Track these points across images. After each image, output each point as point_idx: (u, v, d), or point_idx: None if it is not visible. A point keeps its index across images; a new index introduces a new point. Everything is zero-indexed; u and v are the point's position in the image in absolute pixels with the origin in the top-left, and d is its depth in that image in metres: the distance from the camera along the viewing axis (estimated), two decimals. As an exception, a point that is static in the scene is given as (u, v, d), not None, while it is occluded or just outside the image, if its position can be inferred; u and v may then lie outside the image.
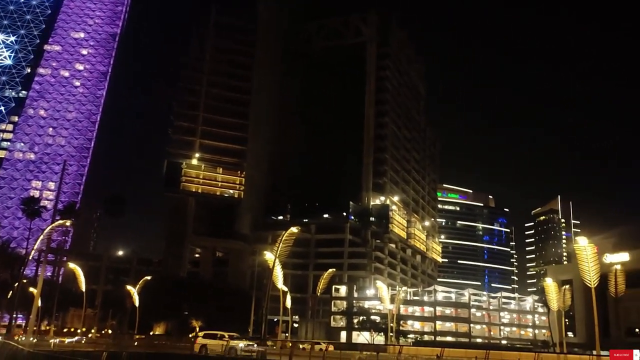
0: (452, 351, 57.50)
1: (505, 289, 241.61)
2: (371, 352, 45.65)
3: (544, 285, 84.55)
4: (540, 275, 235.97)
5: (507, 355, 47.93)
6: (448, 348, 59.65)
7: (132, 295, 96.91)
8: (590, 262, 58.55)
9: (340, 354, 48.81)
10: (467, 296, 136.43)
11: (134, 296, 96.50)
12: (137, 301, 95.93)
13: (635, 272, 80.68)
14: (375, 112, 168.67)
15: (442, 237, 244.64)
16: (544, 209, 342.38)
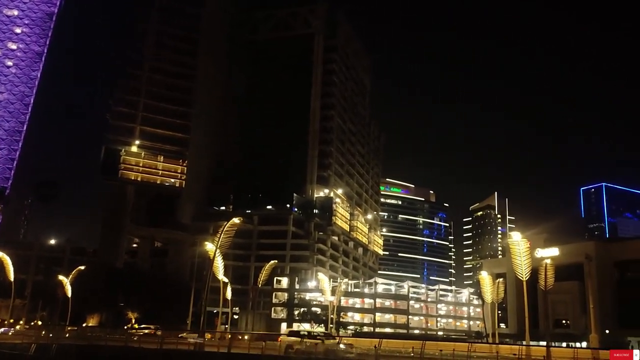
0: (390, 342, 58.27)
1: (443, 282, 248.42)
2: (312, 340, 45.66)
3: (479, 278, 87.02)
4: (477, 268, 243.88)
5: (443, 345, 49.04)
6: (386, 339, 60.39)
7: (65, 286, 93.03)
8: (522, 256, 60.62)
9: (280, 342, 48.65)
10: (406, 288, 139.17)
11: (66, 286, 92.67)
12: (69, 292, 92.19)
13: (564, 267, 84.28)
14: (321, 105, 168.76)
15: (383, 230, 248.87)
16: (481, 205, 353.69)
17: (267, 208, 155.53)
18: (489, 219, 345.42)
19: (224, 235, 60.40)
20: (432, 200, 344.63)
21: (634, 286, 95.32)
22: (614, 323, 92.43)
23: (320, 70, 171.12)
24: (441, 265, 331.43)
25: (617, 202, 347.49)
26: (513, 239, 62.79)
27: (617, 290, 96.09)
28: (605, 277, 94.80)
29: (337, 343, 47.19)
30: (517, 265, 60.92)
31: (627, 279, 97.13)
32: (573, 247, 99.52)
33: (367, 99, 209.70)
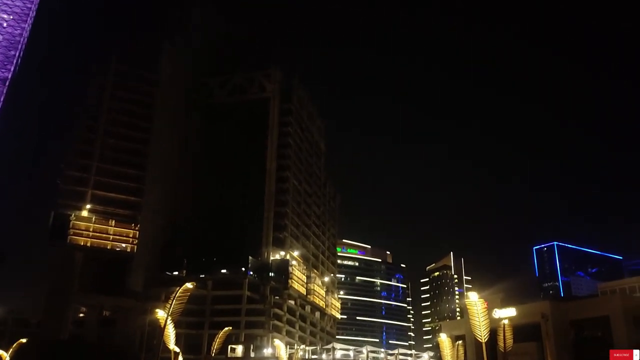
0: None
1: (403, 345, 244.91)
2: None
3: (439, 341, 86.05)
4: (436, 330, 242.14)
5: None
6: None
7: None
8: (480, 317, 60.23)
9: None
10: (365, 353, 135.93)
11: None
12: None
13: (522, 327, 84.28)
14: (277, 167, 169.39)
15: (341, 293, 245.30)
16: (437, 265, 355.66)
17: (222, 272, 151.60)
18: (446, 279, 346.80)
19: (176, 301, 57.81)
20: (389, 261, 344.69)
21: (590, 345, 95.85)
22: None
23: (276, 133, 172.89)
24: (400, 328, 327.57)
25: (570, 261, 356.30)
26: (470, 300, 62.50)
27: (574, 349, 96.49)
28: (562, 337, 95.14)
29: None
30: (476, 326, 60.40)
31: (583, 338, 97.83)
32: (529, 307, 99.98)
33: (322, 160, 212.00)
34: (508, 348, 66.67)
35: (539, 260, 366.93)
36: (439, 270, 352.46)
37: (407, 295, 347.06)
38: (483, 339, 60.29)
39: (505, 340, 65.74)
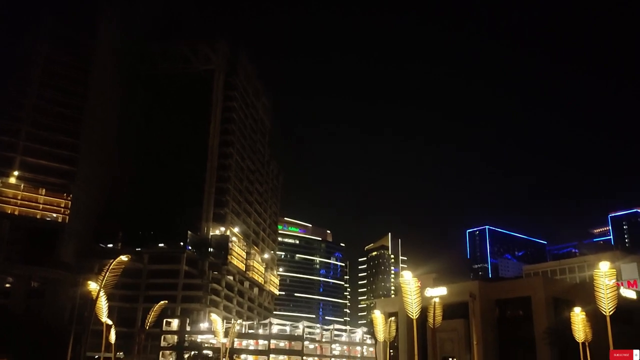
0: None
1: (338, 321, 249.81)
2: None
3: (373, 318, 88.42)
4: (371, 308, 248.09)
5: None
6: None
7: None
8: (413, 295, 62.42)
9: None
10: (301, 329, 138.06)
11: None
12: None
13: (451, 305, 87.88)
14: (220, 142, 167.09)
15: (280, 270, 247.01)
16: (375, 245, 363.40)
17: (159, 246, 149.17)
18: (383, 259, 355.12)
19: (109, 274, 56.44)
20: (329, 240, 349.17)
21: (512, 324, 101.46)
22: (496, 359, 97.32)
23: (220, 107, 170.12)
24: (337, 305, 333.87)
25: (499, 244, 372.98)
26: (404, 278, 64.65)
27: (497, 327, 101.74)
28: (487, 315, 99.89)
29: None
30: (408, 304, 62.56)
31: (506, 317, 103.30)
32: (459, 287, 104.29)
33: (266, 138, 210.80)
34: (437, 324, 69.57)
35: (471, 242, 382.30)
36: (376, 250, 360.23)
37: (345, 274, 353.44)
38: (414, 315, 62.51)
39: (434, 317, 68.58)
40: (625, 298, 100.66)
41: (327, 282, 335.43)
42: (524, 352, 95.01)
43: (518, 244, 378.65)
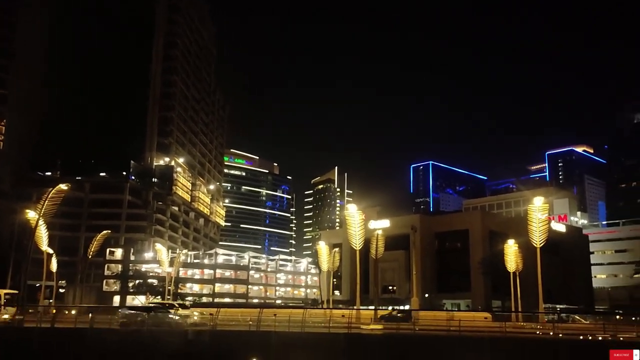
0: (228, 311, 58.42)
1: (284, 252, 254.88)
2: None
3: (317, 249, 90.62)
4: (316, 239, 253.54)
5: (280, 312, 50.14)
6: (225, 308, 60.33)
7: None
8: (357, 227, 64.16)
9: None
10: (247, 259, 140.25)
11: None
12: None
13: (393, 237, 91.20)
14: (163, 69, 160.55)
15: (226, 201, 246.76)
16: (322, 179, 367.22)
17: (101, 175, 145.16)
18: (329, 192, 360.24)
19: (48, 202, 54.76)
20: (276, 172, 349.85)
21: (449, 255, 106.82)
22: (433, 287, 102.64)
23: (163, 32, 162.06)
24: (282, 237, 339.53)
25: (441, 179, 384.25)
26: (349, 211, 66.16)
27: (436, 258, 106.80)
28: (427, 247, 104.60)
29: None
30: (352, 235, 64.34)
31: (444, 249, 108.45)
32: (402, 220, 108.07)
33: (212, 66, 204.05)
34: (379, 255, 72.08)
35: (415, 177, 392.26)
36: (323, 183, 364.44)
37: (291, 206, 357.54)
38: (358, 247, 64.49)
39: (377, 248, 70.94)
40: (555, 231, 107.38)
41: (273, 214, 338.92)
42: (459, 281, 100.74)
43: (459, 179, 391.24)
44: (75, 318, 50.57)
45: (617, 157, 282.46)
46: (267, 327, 40.66)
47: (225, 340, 38.79)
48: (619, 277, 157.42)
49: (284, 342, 37.32)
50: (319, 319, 50.46)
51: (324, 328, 42.27)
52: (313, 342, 37.66)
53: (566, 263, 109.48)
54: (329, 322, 43.29)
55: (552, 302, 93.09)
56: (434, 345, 36.52)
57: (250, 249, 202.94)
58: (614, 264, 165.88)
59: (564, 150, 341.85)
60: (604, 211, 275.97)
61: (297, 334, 38.83)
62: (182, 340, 38.67)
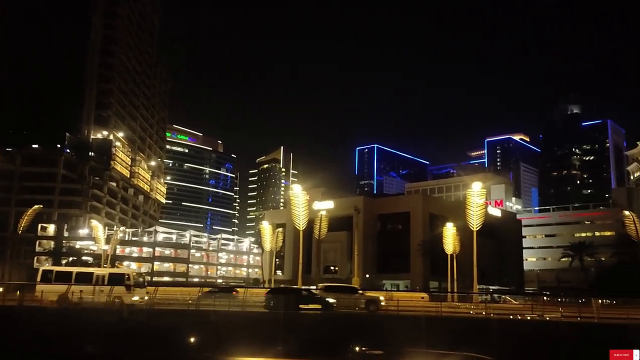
0: (167, 290, 57.49)
1: (226, 231, 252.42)
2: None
3: (261, 228, 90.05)
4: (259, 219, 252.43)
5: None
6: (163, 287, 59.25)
7: None
8: (301, 208, 64.05)
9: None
10: (188, 237, 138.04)
11: None
12: None
13: (337, 218, 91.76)
14: (103, 38, 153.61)
15: (168, 178, 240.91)
16: (267, 158, 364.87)
17: (34, 147, 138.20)
18: (274, 172, 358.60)
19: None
20: (220, 150, 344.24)
21: (391, 236, 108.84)
22: (374, 268, 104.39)
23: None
24: (225, 215, 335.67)
25: (385, 162, 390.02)
26: (294, 192, 65.93)
27: (378, 239, 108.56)
28: (369, 228, 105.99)
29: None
30: (296, 215, 64.22)
31: (386, 231, 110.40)
32: (346, 201, 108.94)
33: (155, 38, 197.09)
34: (322, 236, 72.37)
35: (360, 159, 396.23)
36: (268, 162, 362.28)
37: (235, 185, 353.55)
38: (301, 227, 64.48)
39: (320, 229, 71.19)
40: (492, 216, 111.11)
41: (217, 193, 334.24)
42: (399, 262, 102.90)
43: (403, 163, 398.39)
44: (2, 296, 48.33)
45: (550, 146, 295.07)
46: (206, 307, 40.07)
47: (163, 319, 37.97)
48: (548, 261, 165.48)
49: (224, 321, 36.89)
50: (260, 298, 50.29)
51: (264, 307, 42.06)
52: (253, 321, 37.43)
53: (500, 246, 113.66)
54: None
55: (486, 283, 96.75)
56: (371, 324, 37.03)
57: (191, 227, 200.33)
58: (544, 248, 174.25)
59: (502, 138, 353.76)
60: (536, 197, 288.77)
61: (237, 313, 38.47)
62: (116, 319, 37.54)
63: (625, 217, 65.02)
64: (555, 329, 36.52)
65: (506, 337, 34.20)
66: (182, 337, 35.76)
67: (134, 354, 34.72)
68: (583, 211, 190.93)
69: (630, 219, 63.33)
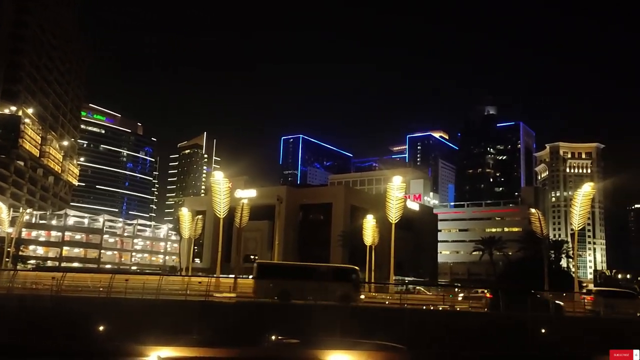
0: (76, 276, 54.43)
1: (143, 217, 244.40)
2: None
3: (180, 215, 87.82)
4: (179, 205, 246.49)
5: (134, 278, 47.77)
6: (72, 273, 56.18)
7: None
8: (222, 195, 62.99)
9: None
10: (101, 222, 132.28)
11: None
12: None
13: (259, 207, 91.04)
14: (16, 8, 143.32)
15: (81, 160, 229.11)
16: (189, 143, 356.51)
17: None
18: (196, 158, 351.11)
19: None
20: (140, 133, 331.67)
21: (312, 227, 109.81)
22: (294, 258, 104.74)
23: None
24: (143, 200, 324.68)
25: (310, 153, 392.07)
26: (216, 178, 64.68)
27: (299, 229, 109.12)
28: (291, 218, 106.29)
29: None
30: (217, 203, 63.09)
31: (308, 221, 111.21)
32: (268, 190, 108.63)
33: (74, 14, 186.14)
34: (243, 224, 71.39)
35: (285, 149, 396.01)
36: (190, 148, 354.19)
37: (154, 169, 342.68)
38: (222, 215, 63.40)
39: (241, 217, 70.25)
40: (410, 209, 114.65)
41: (134, 177, 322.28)
42: (319, 252, 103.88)
43: (327, 155, 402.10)
44: None
45: (467, 145, 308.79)
46: (118, 294, 38.40)
47: (71, 307, 35.98)
48: (460, 254, 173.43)
49: (136, 309, 35.55)
50: (177, 286, 48.88)
51: (180, 295, 40.92)
52: (168, 309, 36.34)
53: (417, 239, 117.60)
54: (186, 290, 42.00)
55: (403, 274, 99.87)
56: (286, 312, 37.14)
57: (106, 211, 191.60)
58: (457, 242, 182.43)
59: (423, 134, 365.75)
60: (452, 193, 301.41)
61: (151, 301, 37.15)
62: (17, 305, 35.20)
63: (531, 215, 68.89)
64: (464, 318, 38.18)
65: (419, 327, 35.28)
66: (92, 326, 34.08)
67: (38, 343, 32.72)
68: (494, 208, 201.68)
69: (536, 216, 67.16)
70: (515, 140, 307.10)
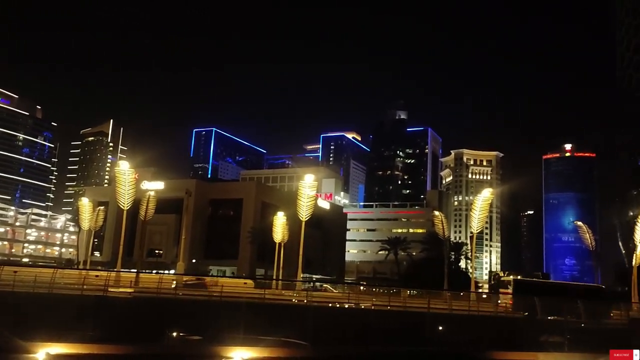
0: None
1: (39, 206, 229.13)
2: None
3: (80, 205, 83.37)
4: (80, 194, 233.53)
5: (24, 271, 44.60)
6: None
7: None
8: (127, 186, 60.41)
9: None
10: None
11: None
12: None
13: (166, 200, 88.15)
14: None
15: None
16: (94, 130, 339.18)
17: None
18: (101, 146, 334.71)
19: None
20: (39, 116, 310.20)
21: (222, 222, 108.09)
22: (201, 253, 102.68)
23: None
24: (39, 189, 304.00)
25: (223, 147, 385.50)
26: (120, 169, 61.90)
27: (208, 224, 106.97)
28: (201, 212, 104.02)
29: None
30: (121, 194, 60.48)
31: (217, 216, 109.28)
32: (177, 183, 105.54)
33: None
34: (149, 217, 68.80)
35: (196, 142, 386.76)
36: (94, 135, 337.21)
37: (53, 156, 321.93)
38: (126, 206, 60.85)
39: (147, 210, 67.67)
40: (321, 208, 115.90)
41: (31, 163, 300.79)
42: (228, 248, 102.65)
43: (240, 150, 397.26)
44: None
45: (378, 147, 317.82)
46: (5, 287, 35.66)
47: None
48: (367, 253, 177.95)
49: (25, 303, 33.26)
50: (73, 280, 46.26)
51: (76, 290, 38.74)
52: (61, 304, 34.29)
53: (326, 237, 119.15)
54: (82, 284, 39.83)
55: (311, 272, 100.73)
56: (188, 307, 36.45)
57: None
58: (365, 241, 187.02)
59: (336, 134, 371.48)
60: (362, 193, 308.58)
61: (42, 295, 34.89)
62: None
63: (434, 217, 71.95)
64: (367, 316, 39.14)
65: (322, 324, 35.71)
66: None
67: None
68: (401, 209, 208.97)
69: (439, 218, 70.26)
70: (423, 145, 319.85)
